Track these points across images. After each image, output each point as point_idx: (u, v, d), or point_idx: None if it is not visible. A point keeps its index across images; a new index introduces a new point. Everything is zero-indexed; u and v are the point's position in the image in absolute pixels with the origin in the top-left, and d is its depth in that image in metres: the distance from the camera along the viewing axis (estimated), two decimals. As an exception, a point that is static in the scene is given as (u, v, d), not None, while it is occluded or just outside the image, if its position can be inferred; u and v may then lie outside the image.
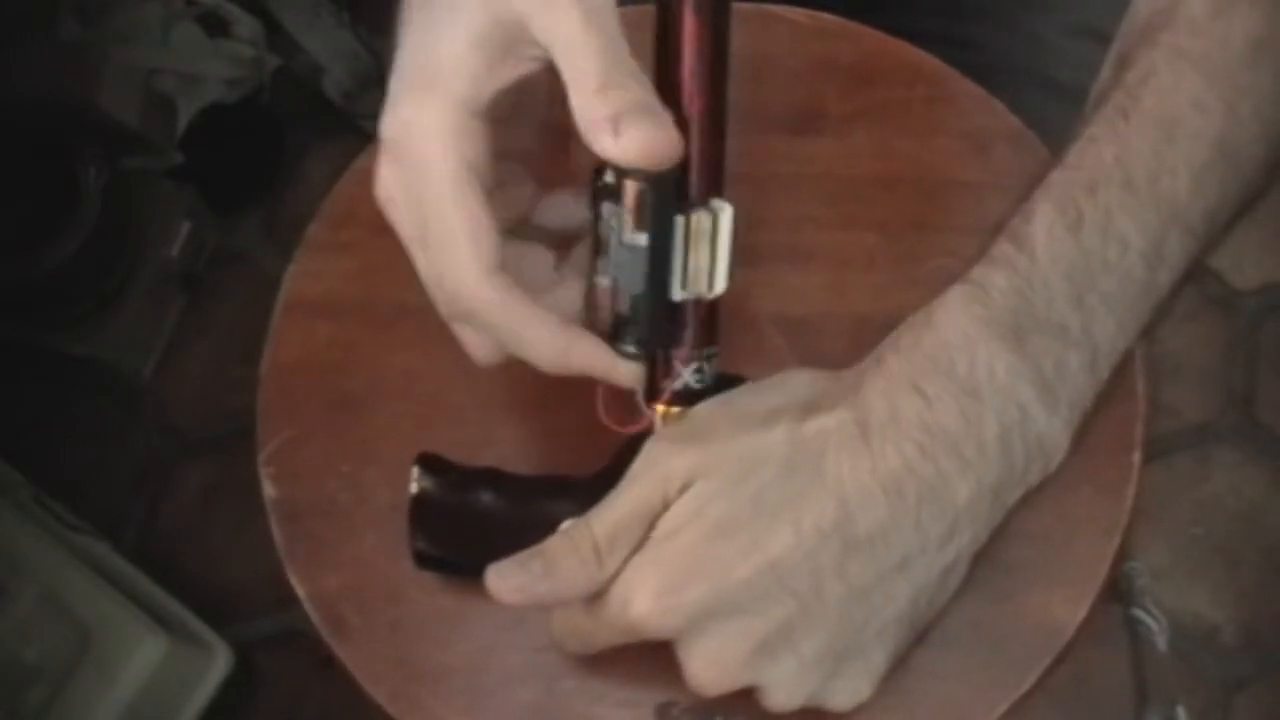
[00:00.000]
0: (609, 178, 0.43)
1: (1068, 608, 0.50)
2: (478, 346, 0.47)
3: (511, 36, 0.44)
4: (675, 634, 0.44)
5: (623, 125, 0.41)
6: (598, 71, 0.42)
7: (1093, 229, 0.46)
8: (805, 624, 0.44)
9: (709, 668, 0.44)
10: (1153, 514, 1.29)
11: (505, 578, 0.44)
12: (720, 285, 0.45)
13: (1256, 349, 1.36)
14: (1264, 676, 1.26)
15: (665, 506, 0.44)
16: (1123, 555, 0.51)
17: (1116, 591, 1.01)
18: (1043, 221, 0.46)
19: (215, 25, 1.41)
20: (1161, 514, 1.30)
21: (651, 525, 0.44)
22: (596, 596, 0.44)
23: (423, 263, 0.45)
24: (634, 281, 0.44)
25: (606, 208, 0.44)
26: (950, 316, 0.45)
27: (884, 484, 0.43)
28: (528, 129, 0.48)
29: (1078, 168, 0.47)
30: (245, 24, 1.41)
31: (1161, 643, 1.00)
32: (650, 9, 0.45)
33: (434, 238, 0.44)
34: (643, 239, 0.43)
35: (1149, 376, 0.52)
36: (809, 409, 0.44)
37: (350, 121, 1.47)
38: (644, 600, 0.43)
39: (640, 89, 0.42)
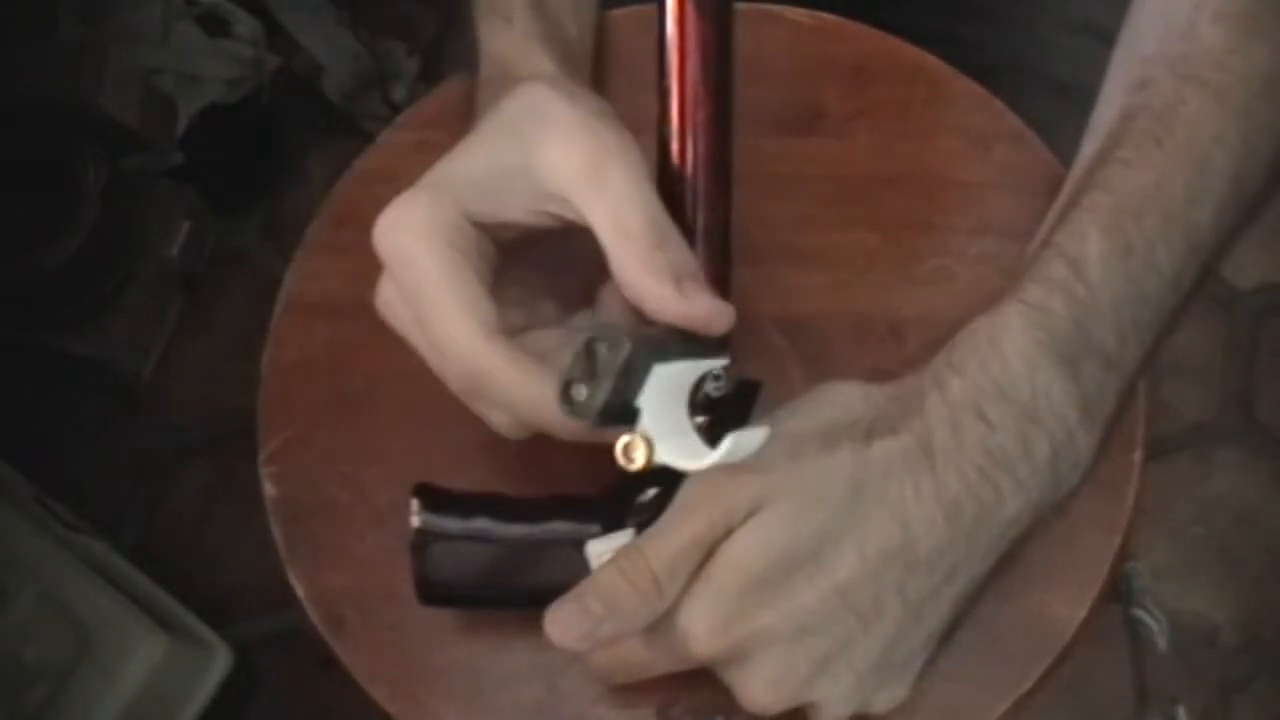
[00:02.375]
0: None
1: (1069, 607, 0.50)
2: (499, 421, 0.47)
3: (530, 187, 0.44)
4: (737, 658, 0.44)
5: (687, 288, 0.43)
6: (654, 233, 0.43)
7: (1138, 260, 0.47)
8: (864, 641, 0.44)
9: (770, 690, 0.44)
10: (1153, 514, 1.29)
11: (568, 625, 0.43)
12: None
13: (1256, 349, 1.36)
14: (1264, 676, 1.26)
15: (728, 535, 0.43)
16: (1124, 554, 0.51)
17: (1117, 591, 1.01)
18: (1097, 248, 0.47)
19: (215, 25, 1.40)
20: (1162, 514, 1.30)
21: (709, 553, 0.44)
22: (653, 627, 0.44)
23: (425, 347, 0.45)
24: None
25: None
26: (1015, 343, 0.45)
27: (945, 506, 0.44)
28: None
29: (1121, 192, 0.48)
30: (245, 24, 1.41)
31: (1161, 643, 1.00)
32: (651, 10, 0.45)
33: (427, 313, 0.44)
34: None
35: (1150, 376, 0.52)
36: (870, 432, 0.44)
37: (350, 121, 1.47)
38: (709, 629, 0.43)
39: (693, 258, 0.44)
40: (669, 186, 0.46)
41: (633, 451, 0.41)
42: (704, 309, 0.43)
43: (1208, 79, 0.49)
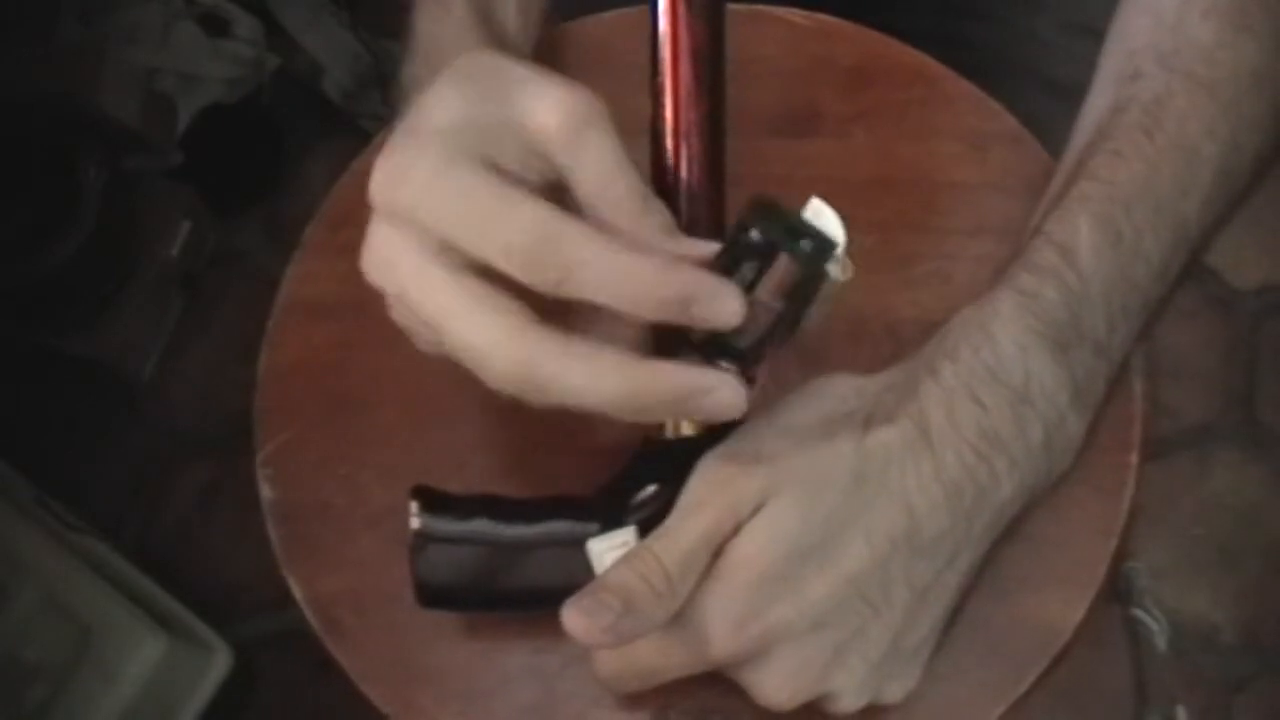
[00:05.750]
0: (755, 236, 0.42)
1: (1066, 608, 0.50)
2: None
3: (511, 141, 0.42)
4: (753, 656, 0.44)
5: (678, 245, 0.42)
6: (639, 200, 0.42)
7: (1128, 249, 0.48)
8: (876, 629, 0.44)
9: (786, 685, 0.44)
10: (1153, 514, 1.29)
11: (591, 617, 0.41)
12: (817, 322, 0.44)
13: (1256, 349, 1.36)
14: (1264, 676, 1.26)
15: (736, 530, 0.43)
16: (1121, 555, 0.51)
17: (1116, 592, 1.01)
18: (1088, 236, 0.48)
19: (215, 25, 1.41)
20: (1162, 514, 1.30)
21: (718, 550, 0.44)
22: (666, 630, 0.43)
23: (448, 287, 0.40)
24: (753, 333, 0.42)
25: (747, 267, 0.42)
26: (1006, 328, 0.46)
27: (946, 489, 0.44)
28: None
29: (1111, 182, 0.49)
30: (245, 24, 1.41)
31: (1161, 643, 1.00)
32: (644, 12, 0.45)
33: (489, 214, 0.39)
34: (780, 304, 0.42)
35: (1148, 376, 0.52)
36: (868, 420, 0.45)
37: (350, 121, 1.47)
38: (726, 629, 0.43)
39: (669, 215, 0.43)
40: (663, 186, 0.46)
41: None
42: (699, 254, 0.42)
43: (1198, 73, 0.50)
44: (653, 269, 0.39)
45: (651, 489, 0.46)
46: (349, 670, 0.51)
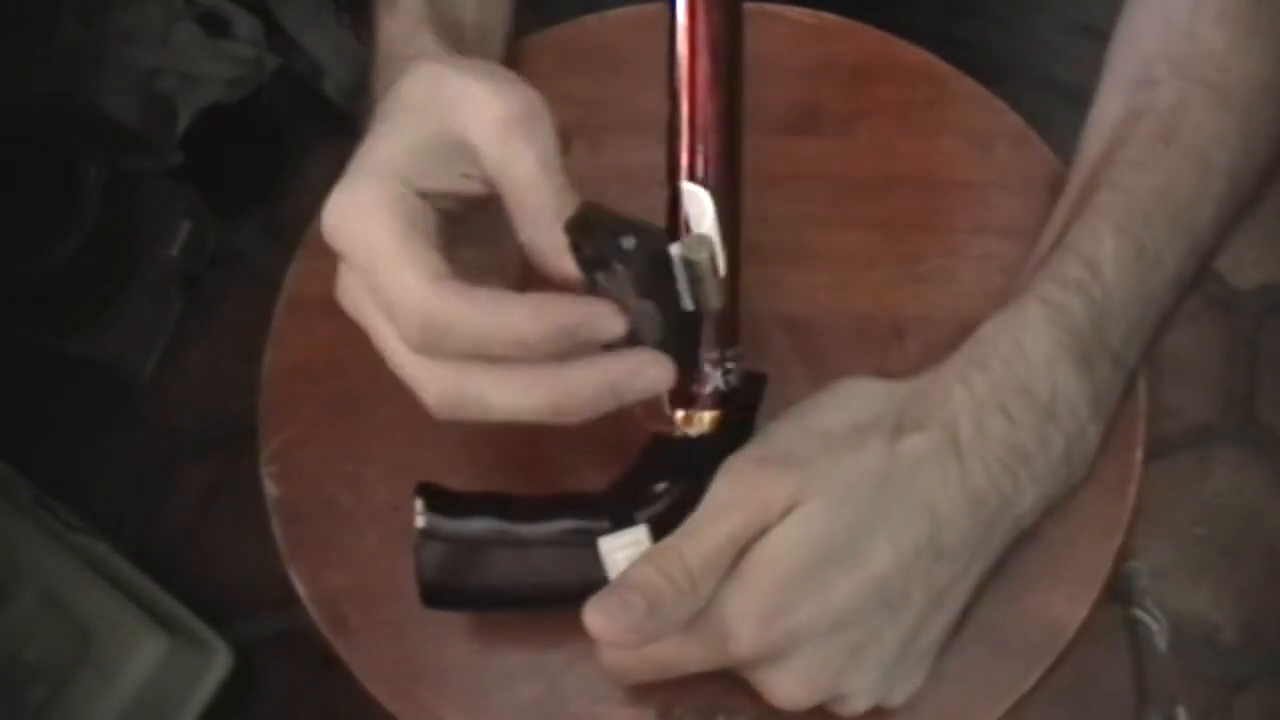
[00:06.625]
0: (585, 250, 0.42)
1: (1069, 607, 0.50)
2: (434, 396, 0.44)
3: (454, 153, 0.44)
4: (775, 655, 0.44)
5: None
6: (551, 211, 0.43)
7: (1148, 260, 0.48)
8: (892, 631, 0.45)
9: (802, 685, 0.45)
10: (1154, 514, 1.29)
11: (615, 617, 0.41)
12: (717, 301, 0.44)
13: (1257, 349, 1.36)
14: (1265, 676, 1.26)
15: (764, 532, 0.44)
16: (1124, 555, 0.51)
17: (1117, 592, 1.01)
18: (1111, 250, 0.48)
19: (215, 25, 1.40)
20: (1163, 514, 1.30)
21: (743, 551, 0.44)
22: (685, 626, 0.44)
23: (378, 325, 0.44)
24: (652, 331, 0.43)
25: (601, 277, 0.42)
26: (1036, 342, 0.47)
27: (970, 498, 0.45)
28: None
29: (1132, 194, 0.49)
30: (245, 24, 1.41)
31: (1162, 643, 1.00)
32: (658, 8, 0.45)
33: (379, 280, 0.42)
34: (645, 303, 0.42)
35: (1150, 376, 0.52)
36: (898, 427, 0.45)
37: (350, 121, 1.46)
38: (750, 628, 0.43)
39: None
40: (681, 180, 0.45)
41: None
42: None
43: (1211, 80, 0.50)
44: (520, 318, 0.41)
45: (661, 486, 0.46)
46: (352, 667, 0.51)
